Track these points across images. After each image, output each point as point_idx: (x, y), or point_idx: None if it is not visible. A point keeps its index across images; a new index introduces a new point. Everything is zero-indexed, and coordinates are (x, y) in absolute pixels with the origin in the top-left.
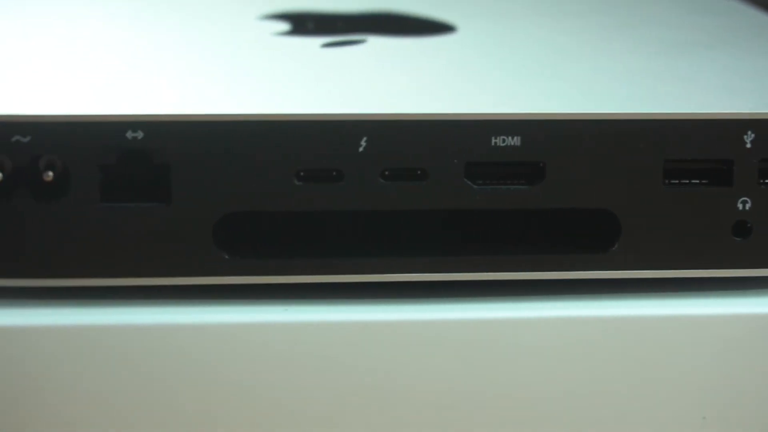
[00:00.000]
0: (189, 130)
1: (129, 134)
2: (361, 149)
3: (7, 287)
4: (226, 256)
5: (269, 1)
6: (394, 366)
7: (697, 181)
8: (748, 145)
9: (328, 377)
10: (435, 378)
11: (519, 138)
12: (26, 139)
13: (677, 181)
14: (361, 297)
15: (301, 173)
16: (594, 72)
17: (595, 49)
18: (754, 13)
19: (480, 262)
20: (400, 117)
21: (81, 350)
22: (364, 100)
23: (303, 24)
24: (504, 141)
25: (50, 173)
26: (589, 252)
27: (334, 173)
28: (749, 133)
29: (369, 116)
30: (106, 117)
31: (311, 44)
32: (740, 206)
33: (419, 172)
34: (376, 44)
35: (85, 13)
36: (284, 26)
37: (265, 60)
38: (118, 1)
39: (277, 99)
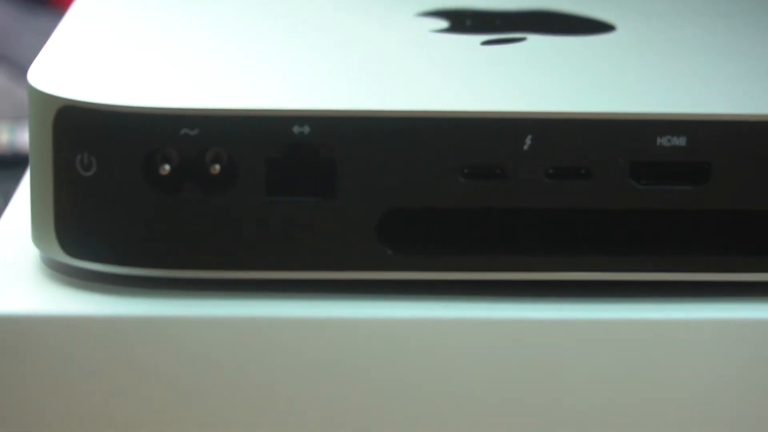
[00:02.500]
0: (355, 125)
1: (296, 129)
2: (525, 147)
3: (170, 278)
4: (390, 252)
5: None
6: (561, 364)
7: None
8: None
9: (486, 376)
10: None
11: (684, 138)
12: (194, 132)
13: None
14: (524, 295)
15: (466, 170)
16: (759, 71)
17: (763, 47)
18: None
19: (644, 262)
20: (565, 115)
21: (245, 342)
22: (528, 97)
23: (461, 21)
24: (669, 141)
25: (217, 166)
26: (755, 254)
27: (498, 171)
28: None
29: (534, 114)
30: (273, 111)
31: (471, 42)
32: None
33: (583, 171)
34: (537, 42)
35: (242, 8)
36: (442, 23)
37: (427, 57)
38: None
39: (441, 95)
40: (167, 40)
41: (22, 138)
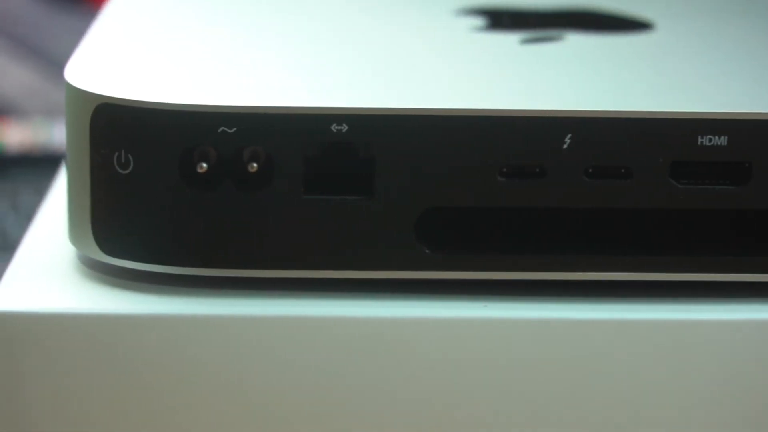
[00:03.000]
0: (394, 123)
1: (334, 127)
2: (565, 146)
3: (207, 277)
4: (428, 251)
5: None
6: (601, 364)
7: None
8: None
9: (525, 375)
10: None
11: (726, 137)
12: (232, 130)
13: None
14: (560, 295)
15: (504, 169)
16: None
17: None
18: None
19: (684, 262)
20: (605, 114)
21: (281, 341)
22: (568, 96)
23: (499, 20)
24: (711, 140)
25: (254, 164)
26: None
27: (537, 170)
28: None
29: (574, 113)
30: (311, 109)
31: (509, 40)
32: None
33: (623, 170)
34: (575, 41)
35: (278, 6)
36: (480, 22)
37: (465, 55)
38: None
39: (480, 94)
40: (204, 38)
41: (53, 134)
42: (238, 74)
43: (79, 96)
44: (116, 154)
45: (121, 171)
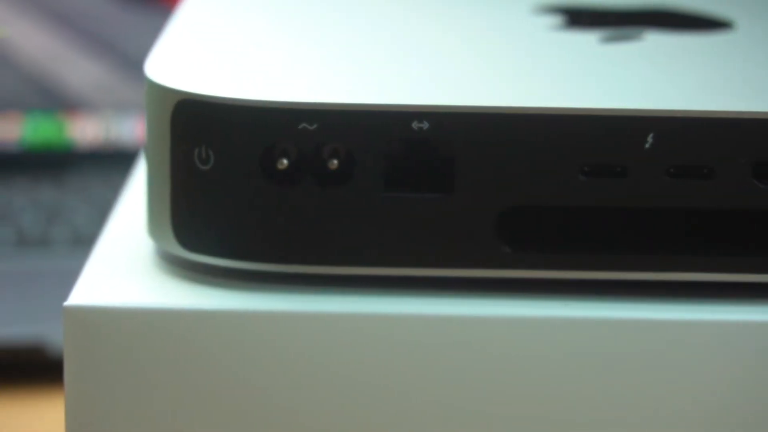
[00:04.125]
0: (475, 121)
1: (415, 124)
2: (647, 146)
3: (285, 273)
4: (508, 250)
5: None
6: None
7: None
8: None
9: (609, 374)
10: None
11: None
12: (313, 127)
13: None
14: (642, 295)
15: (585, 168)
16: None
17: None
18: None
19: (766, 263)
20: (688, 114)
21: (359, 338)
22: (650, 95)
23: (578, 18)
24: None
25: (335, 161)
26: None
27: (619, 169)
28: None
29: (657, 112)
30: (392, 107)
31: (588, 39)
32: None
33: (705, 170)
34: (655, 40)
35: (355, 4)
36: (558, 20)
37: (545, 53)
38: None
39: (562, 92)
40: (282, 35)
41: (124, 130)
42: (318, 71)
43: (160, 92)
44: (197, 149)
45: (201, 167)
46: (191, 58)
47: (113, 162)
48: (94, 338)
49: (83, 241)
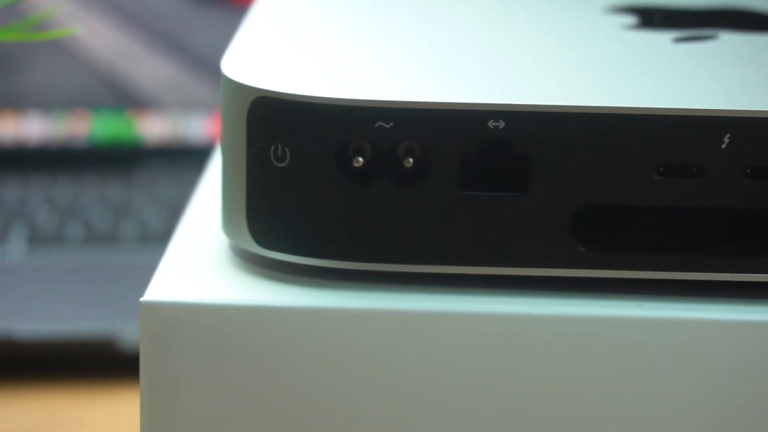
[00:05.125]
0: (551, 120)
1: (491, 123)
2: (723, 146)
3: (360, 270)
4: (582, 249)
5: None
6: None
7: None
8: None
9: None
10: None
11: None
12: (389, 125)
13: None
14: (717, 296)
15: (661, 168)
16: None
17: None
18: None
19: None
20: (765, 114)
21: (433, 336)
22: (727, 96)
23: (650, 18)
24: None
25: (410, 159)
26: None
27: (695, 169)
28: None
29: (733, 113)
30: (468, 105)
31: (662, 39)
32: None
33: None
34: (729, 40)
35: (429, 3)
36: (631, 20)
37: (620, 53)
38: None
39: (638, 92)
40: (356, 34)
41: (191, 127)
42: (393, 69)
43: (237, 89)
44: (273, 147)
45: (277, 164)
46: (267, 56)
47: (180, 159)
48: (170, 333)
49: (150, 238)
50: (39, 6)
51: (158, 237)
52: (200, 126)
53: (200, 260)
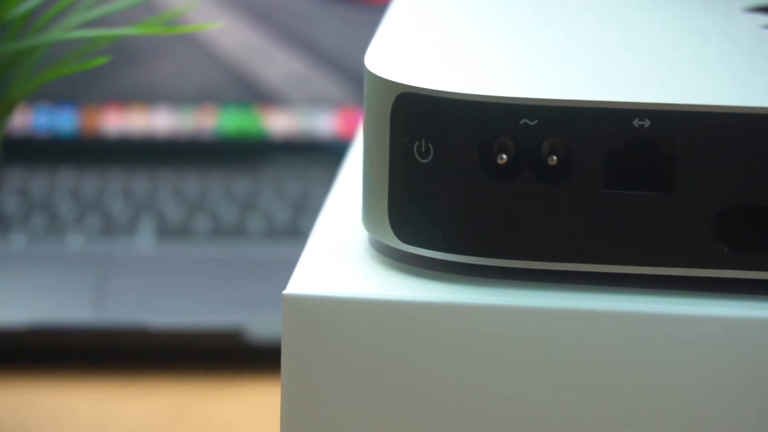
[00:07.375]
0: (697, 120)
1: (636, 122)
2: None
3: (501, 268)
4: (726, 250)
5: None
6: None
7: None
8: None
9: None
10: None
11: None
12: (533, 123)
13: None
14: None
15: None
16: None
17: None
18: None
19: None
20: None
21: (571, 334)
22: None
23: None
24: None
25: (554, 157)
26: None
27: None
28: None
29: None
30: (613, 104)
31: None
32: None
33: None
34: None
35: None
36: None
37: (762, 52)
38: None
39: None
40: (498, 31)
41: (316, 122)
42: (537, 67)
43: (381, 85)
44: (416, 143)
45: (420, 160)
46: (410, 52)
47: (306, 155)
48: (311, 326)
49: (276, 232)
50: (169, 3)
51: (283, 231)
52: (326, 122)
53: (340, 254)
